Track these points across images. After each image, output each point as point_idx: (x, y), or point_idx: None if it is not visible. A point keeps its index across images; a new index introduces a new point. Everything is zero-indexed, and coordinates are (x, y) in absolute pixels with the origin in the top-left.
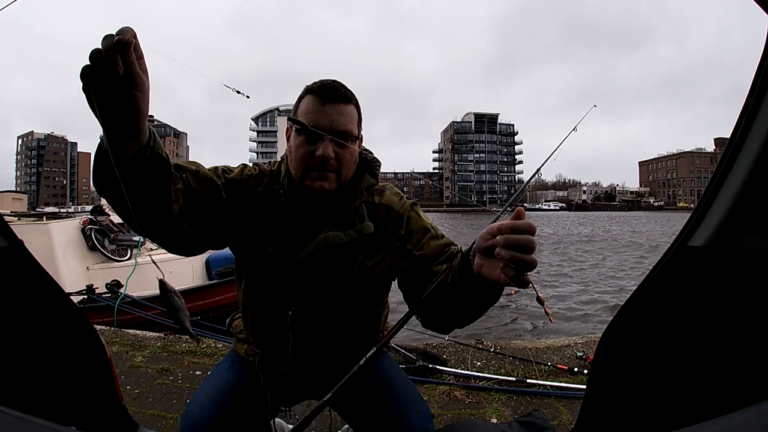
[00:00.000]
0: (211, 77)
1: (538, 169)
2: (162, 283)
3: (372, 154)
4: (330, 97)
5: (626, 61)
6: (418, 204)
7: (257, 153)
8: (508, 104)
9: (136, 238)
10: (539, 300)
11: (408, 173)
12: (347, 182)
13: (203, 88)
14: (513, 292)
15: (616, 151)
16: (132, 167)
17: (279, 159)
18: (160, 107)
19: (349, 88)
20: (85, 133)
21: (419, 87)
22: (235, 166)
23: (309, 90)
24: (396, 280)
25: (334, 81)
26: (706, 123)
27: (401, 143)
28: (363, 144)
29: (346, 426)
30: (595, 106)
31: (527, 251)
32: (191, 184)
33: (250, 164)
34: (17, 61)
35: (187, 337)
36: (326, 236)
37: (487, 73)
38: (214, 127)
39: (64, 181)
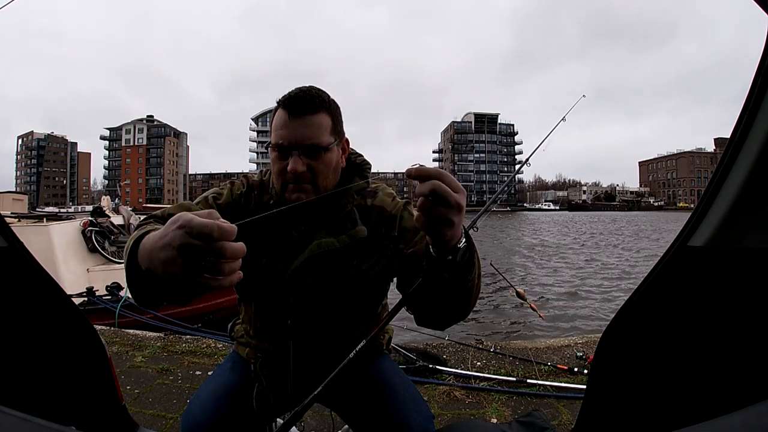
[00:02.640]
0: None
1: (527, 160)
2: None
3: (362, 156)
4: (296, 110)
5: (647, 60)
6: (411, 203)
7: (257, 153)
8: (521, 103)
9: None
10: (519, 295)
11: None
12: (331, 189)
13: (212, 85)
14: (511, 292)
15: (626, 152)
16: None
17: (269, 169)
18: (164, 104)
19: (322, 92)
20: (85, 132)
21: (433, 84)
22: (222, 187)
23: (279, 103)
24: (395, 282)
25: (302, 90)
26: (721, 123)
27: (411, 142)
28: (369, 143)
29: (346, 426)
30: (584, 96)
31: (434, 196)
32: None
33: (237, 181)
34: (17, 56)
35: (188, 336)
36: (319, 243)
37: (504, 71)
38: (220, 126)
39: (64, 181)
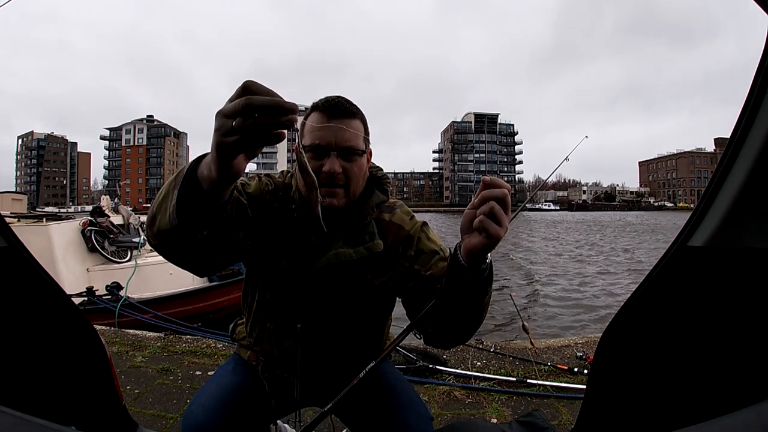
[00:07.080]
0: None
1: (534, 193)
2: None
3: (382, 170)
4: (334, 113)
5: (682, 59)
6: (428, 224)
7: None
8: (548, 100)
9: (136, 240)
10: (524, 329)
11: (408, 173)
12: (357, 198)
13: (229, 79)
14: (513, 294)
15: (633, 153)
16: (223, 207)
17: (290, 171)
18: (174, 100)
19: (354, 103)
20: (88, 129)
21: (459, 81)
22: (249, 179)
23: (314, 107)
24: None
25: (339, 97)
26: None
27: (423, 142)
28: (374, 152)
29: (346, 429)
30: (586, 137)
31: (500, 203)
32: None
33: (263, 177)
34: (18, 45)
35: (188, 336)
36: (337, 253)
37: (534, 67)
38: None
39: (64, 181)
